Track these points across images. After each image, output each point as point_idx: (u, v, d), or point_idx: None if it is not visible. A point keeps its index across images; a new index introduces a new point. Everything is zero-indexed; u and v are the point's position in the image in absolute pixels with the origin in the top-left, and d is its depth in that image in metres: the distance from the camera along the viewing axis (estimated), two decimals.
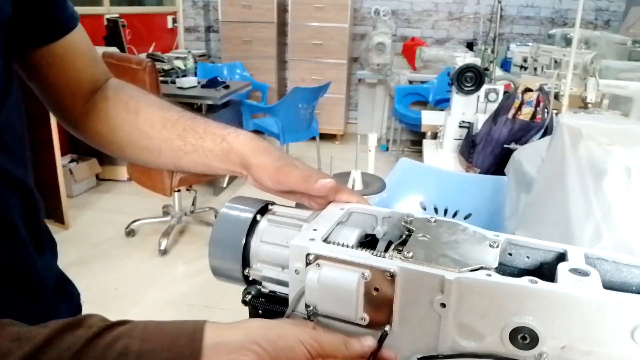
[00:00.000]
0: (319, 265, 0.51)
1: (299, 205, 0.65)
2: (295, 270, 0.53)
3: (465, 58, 2.55)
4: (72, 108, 0.73)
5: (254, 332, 0.45)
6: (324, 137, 5.18)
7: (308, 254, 0.51)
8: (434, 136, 2.97)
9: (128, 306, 2.53)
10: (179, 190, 3.15)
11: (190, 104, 3.73)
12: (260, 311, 0.58)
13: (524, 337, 0.46)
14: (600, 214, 1.06)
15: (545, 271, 0.54)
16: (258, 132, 4.45)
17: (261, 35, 5.29)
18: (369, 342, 0.49)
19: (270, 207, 0.62)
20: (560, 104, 2.13)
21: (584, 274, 0.47)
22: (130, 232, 3.20)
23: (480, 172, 2.11)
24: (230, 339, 0.45)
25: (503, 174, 1.90)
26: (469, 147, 2.18)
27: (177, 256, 3.03)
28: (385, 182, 2.15)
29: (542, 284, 0.45)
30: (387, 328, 0.50)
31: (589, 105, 2.32)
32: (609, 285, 0.46)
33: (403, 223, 0.57)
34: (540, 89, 2.04)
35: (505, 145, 1.99)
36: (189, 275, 2.83)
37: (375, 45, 5.03)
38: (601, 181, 1.07)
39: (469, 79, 2.25)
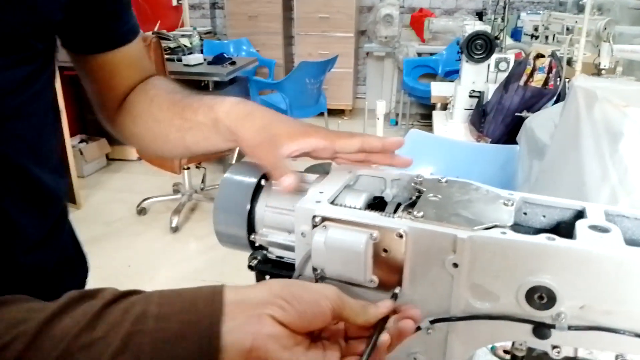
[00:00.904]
0: (325, 227, 0.49)
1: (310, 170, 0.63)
2: (302, 234, 0.51)
3: (474, 26, 2.49)
4: (111, 106, 0.74)
5: (277, 288, 0.44)
6: (333, 112, 5.14)
7: (314, 216, 0.49)
8: (444, 108, 2.92)
9: (141, 283, 2.55)
10: (188, 168, 3.14)
11: (197, 81, 3.70)
12: (267, 277, 0.57)
13: (541, 297, 0.44)
14: (616, 177, 1.03)
15: (563, 230, 0.52)
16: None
17: (267, 10, 5.21)
18: (387, 304, 0.46)
19: None
20: (573, 70, 2.08)
21: (604, 230, 0.45)
22: (141, 211, 3.21)
23: (491, 142, 2.07)
24: (254, 296, 0.43)
25: (515, 143, 1.86)
26: (480, 117, 2.14)
27: (189, 233, 3.04)
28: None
29: (560, 241, 0.43)
30: (397, 290, 0.48)
31: (603, 71, 2.26)
32: (630, 243, 0.44)
33: (413, 184, 0.55)
34: (553, 55, 1.98)
35: (517, 114, 1.95)
36: (201, 251, 2.84)
37: (382, 18, 4.94)
38: (617, 143, 1.04)
39: (479, 46, 2.20)
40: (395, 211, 0.51)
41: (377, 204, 0.56)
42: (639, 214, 0.49)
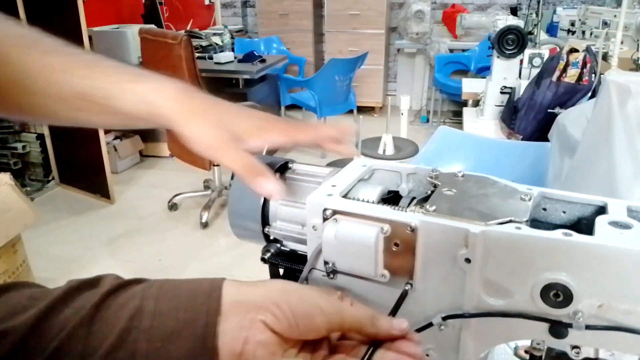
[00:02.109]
0: (336, 221, 0.48)
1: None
2: (313, 227, 0.50)
3: (506, 21, 2.43)
4: None
5: (274, 293, 0.43)
6: (363, 110, 5.12)
7: (325, 209, 0.49)
8: (476, 104, 2.87)
9: (171, 277, 2.59)
10: (218, 165, 3.18)
11: (227, 79, 3.73)
12: (281, 269, 0.57)
13: (556, 295, 0.42)
14: None
15: (584, 227, 0.50)
16: (295, 106, 4.43)
17: (297, 8, 5.22)
18: (403, 325, 0.44)
19: (290, 165, 0.59)
20: (608, 65, 2.01)
21: (626, 226, 0.43)
22: (172, 206, 3.26)
23: (522, 139, 2.03)
24: (249, 297, 0.42)
25: (546, 140, 1.81)
26: (511, 113, 2.09)
27: (218, 229, 3.08)
28: (423, 150, 2.10)
29: (577, 237, 0.42)
30: (408, 286, 0.47)
31: None
32: None
33: (428, 178, 0.54)
34: (587, 50, 1.92)
35: (549, 110, 1.90)
36: (230, 247, 2.87)
37: (414, 14, 4.89)
38: None
39: (511, 41, 2.15)
40: (409, 205, 0.51)
41: (391, 198, 0.56)
42: None
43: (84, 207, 3.30)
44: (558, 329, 0.44)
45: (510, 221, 0.44)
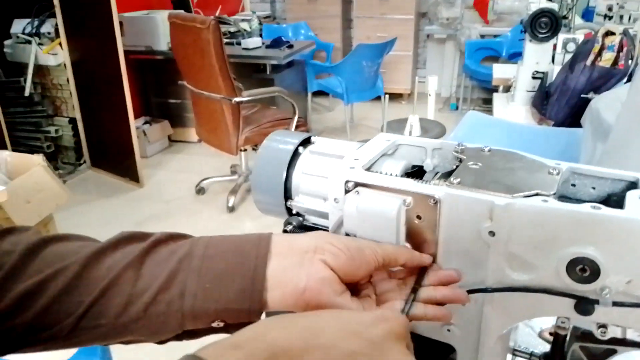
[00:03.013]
0: (358, 193, 0.48)
1: None
2: (335, 199, 0.50)
3: (540, 3, 2.37)
4: None
5: (324, 236, 0.45)
6: (391, 96, 5.06)
7: (347, 182, 0.49)
8: (507, 90, 2.81)
9: None
10: (245, 150, 3.20)
11: (255, 65, 3.74)
12: None
13: (583, 270, 0.41)
14: None
15: (614, 204, 0.48)
16: (322, 93, 4.42)
17: None
18: (427, 258, 0.46)
19: (313, 140, 0.59)
20: None
21: None
22: (200, 190, 3.30)
23: (554, 125, 1.98)
24: (303, 241, 0.44)
25: (579, 126, 1.77)
26: (543, 99, 2.04)
27: (244, 213, 3.10)
28: (452, 135, 2.07)
29: (606, 210, 0.40)
30: (430, 259, 0.47)
31: None
32: None
33: (454, 153, 0.53)
34: (624, 33, 1.85)
35: (582, 95, 1.85)
36: (256, 230, 2.87)
37: None
38: None
39: (544, 24, 2.09)
40: (433, 179, 0.50)
41: (415, 172, 0.55)
42: None
43: (114, 190, 3.37)
44: (584, 305, 0.42)
45: (537, 194, 0.43)
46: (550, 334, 0.70)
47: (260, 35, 4.28)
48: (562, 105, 1.92)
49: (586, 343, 0.51)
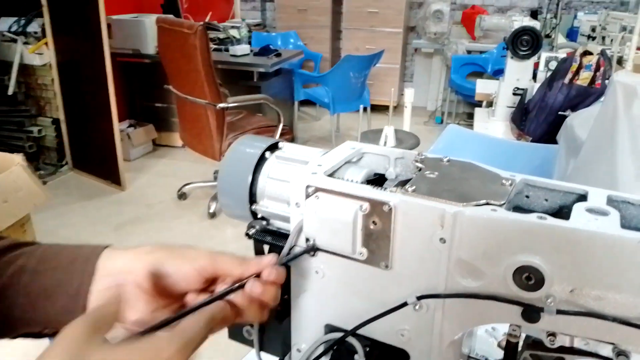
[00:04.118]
0: (317, 198, 0.49)
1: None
2: (296, 204, 0.51)
3: (523, 22, 2.42)
4: None
5: (143, 255, 0.47)
6: (377, 108, 5.10)
7: (308, 186, 0.50)
8: (489, 105, 2.85)
9: None
10: None
11: (242, 72, 3.75)
12: (265, 246, 0.58)
13: (528, 278, 0.43)
14: None
15: (565, 216, 0.50)
16: (309, 102, 4.44)
17: (316, 3, 5.22)
18: (268, 257, 0.48)
19: (280, 144, 0.60)
20: (623, 70, 1.98)
21: (603, 213, 0.43)
22: (182, 195, 3.29)
23: (532, 141, 2.01)
24: (121, 261, 0.47)
25: (556, 142, 1.80)
26: (521, 115, 2.08)
27: (225, 219, 3.10)
28: (432, 148, 2.10)
29: (551, 220, 0.42)
30: (385, 264, 0.48)
31: None
32: (630, 229, 0.42)
33: (414, 162, 0.55)
34: (602, 53, 1.90)
35: (560, 113, 1.88)
36: (237, 237, 2.89)
37: (432, 13, 4.87)
38: None
39: (525, 42, 2.13)
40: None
41: (377, 180, 0.56)
42: None
43: (95, 192, 3.34)
44: (530, 312, 0.44)
45: (487, 204, 0.44)
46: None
47: (250, 43, 4.30)
48: (540, 121, 1.95)
49: (536, 351, 0.52)
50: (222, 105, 2.67)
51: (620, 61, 2.02)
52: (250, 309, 0.46)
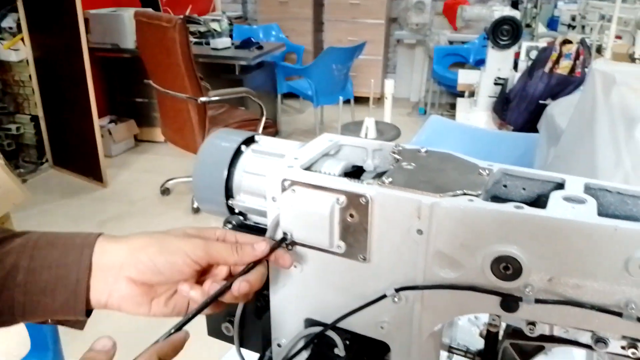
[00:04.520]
0: (294, 191, 0.48)
1: None
2: (272, 198, 0.50)
3: (503, 12, 2.42)
4: None
5: (136, 249, 0.47)
6: (361, 100, 5.10)
7: (284, 180, 0.49)
8: (471, 96, 2.86)
9: None
10: None
11: (224, 65, 3.72)
12: None
13: (506, 267, 0.42)
14: (630, 164, 0.99)
15: (542, 205, 0.50)
16: (293, 95, 4.41)
17: None
18: (261, 247, 0.48)
19: (256, 138, 0.59)
20: (602, 58, 2.00)
21: (579, 201, 0.43)
22: (165, 191, 3.26)
23: (513, 130, 2.02)
24: (114, 255, 0.47)
25: (537, 131, 1.81)
26: (503, 104, 2.09)
27: (210, 215, 3.07)
28: (414, 140, 2.10)
29: (528, 210, 0.42)
30: (363, 257, 0.47)
31: (637, 61, 2.17)
32: (607, 217, 0.41)
33: (391, 153, 0.54)
34: (581, 42, 1.91)
35: (540, 102, 1.89)
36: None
37: (414, 4, 4.86)
38: (633, 129, 1.00)
39: (505, 32, 2.14)
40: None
41: (355, 172, 0.56)
42: (622, 187, 0.47)
43: (77, 189, 3.30)
44: (509, 302, 0.44)
45: (464, 194, 0.44)
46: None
47: (231, 36, 4.25)
48: (522, 110, 1.96)
49: (517, 340, 0.52)
50: (203, 99, 2.64)
51: (599, 50, 2.03)
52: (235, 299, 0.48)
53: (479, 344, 0.63)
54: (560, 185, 0.48)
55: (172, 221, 2.99)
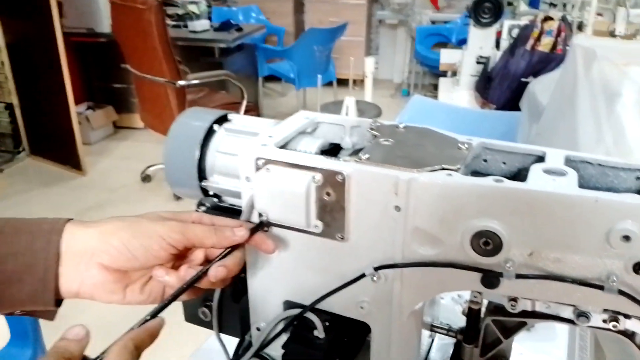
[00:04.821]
0: (268, 170, 0.46)
1: None
2: (246, 178, 0.49)
3: None
4: None
5: (108, 233, 0.45)
6: (343, 82, 5.06)
7: (258, 159, 0.47)
8: (454, 75, 2.85)
9: None
10: None
11: (203, 48, 3.65)
12: None
13: (486, 243, 0.41)
14: (611, 139, 0.99)
15: (523, 178, 0.49)
16: (274, 77, 4.36)
17: None
18: (241, 232, 0.46)
19: (229, 116, 0.57)
20: (583, 34, 2.00)
21: (560, 173, 0.42)
22: (146, 178, 3.22)
23: (496, 109, 2.02)
24: (84, 241, 0.45)
25: (520, 109, 1.81)
26: (485, 83, 2.08)
27: (192, 201, 3.04)
28: (397, 120, 2.08)
29: (507, 183, 0.40)
30: (341, 236, 0.46)
31: (618, 37, 2.17)
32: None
33: (369, 129, 0.52)
34: (563, 18, 1.90)
35: (522, 79, 1.89)
36: None
37: None
38: (614, 104, 1.00)
39: (487, 10, 2.12)
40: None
41: (333, 150, 0.54)
42: (603, 159, 0.46)
43: (55, 178, 3.24)
44: (489, 278, 0.43)
45: (442, 169, 0.43)
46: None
47: (209, 18, 4.17)
48: (504, 89, 1.96)
49: (498, 317, 0.51)
50: (182, 82, 2.59)
51: (580, 26, 2.03)
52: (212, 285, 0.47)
53: (462, 322, 0.62)
54: (540, 159, 0.47)
55: (153, 208, 2.91)
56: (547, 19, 1.91)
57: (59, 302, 0.45)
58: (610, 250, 0.39)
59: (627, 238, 0.38)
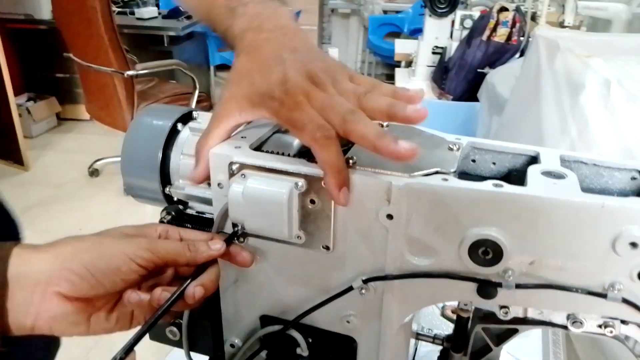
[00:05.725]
0: (244, 176, 0.42)
1: None
2: (218, 184, 0.44)
3: None
4: None
5: (66, 257, 0.39)
6: None
7: (231, 163, 0.42)
8: (409, 65, 2.84)
9: None
10: None
11: (151, 36, 3.51)
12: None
13: (485, 252, 0.38)
14: (576, 131, 0.99)
15: (515, 179, 0.46)
16: (227, 66, 4.25)
17: None
18: (217, 245, 0.42)
19: (194, 114, 0.52)
20: (536, 25, 2.02)
21: (559, 176, 0.40)
22: (93, 172, 3.07)
23: (453, 99, 2.02)
24: (37, 267, 0.38)
25: (477, 100, 1.82)
26: (442, 74, 2.08)
27: None
28: None
29: (508, 188, 0.38)
30: (326, 246, 0.42)
31: (567, 28, 2.22)
32: (587, 191, 0.38)
33: None
34: (517, 9, 1.92)
35: (479, 70, 1.90)
36: (157, 214, 2.73)
37: None
38: (578, 96, 1.00)
39: (443, 0, 2.12)
40: None
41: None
42: (598, 159, 0.44)
43: None
44: (487, 289, 0.40)
45: (436, 172, 0.39)
46: (453, 312, 0.69)
47: (157, 5, 4.01)
48: (460, 79, 1.96)
49: (488, 324, 0.49)
50: (130, 72, 2.47)
51: (534, 17, 2.06)
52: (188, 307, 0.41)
53: (442, 325, 0.59)
54: (533, 159, 0.45)
55: (103, 204, 2.82)
56: (503, 9, 1.92)
57: (7, 340, 0.38)
58: (616, 257, 0.37)
59: (634, 245, 0.36)
